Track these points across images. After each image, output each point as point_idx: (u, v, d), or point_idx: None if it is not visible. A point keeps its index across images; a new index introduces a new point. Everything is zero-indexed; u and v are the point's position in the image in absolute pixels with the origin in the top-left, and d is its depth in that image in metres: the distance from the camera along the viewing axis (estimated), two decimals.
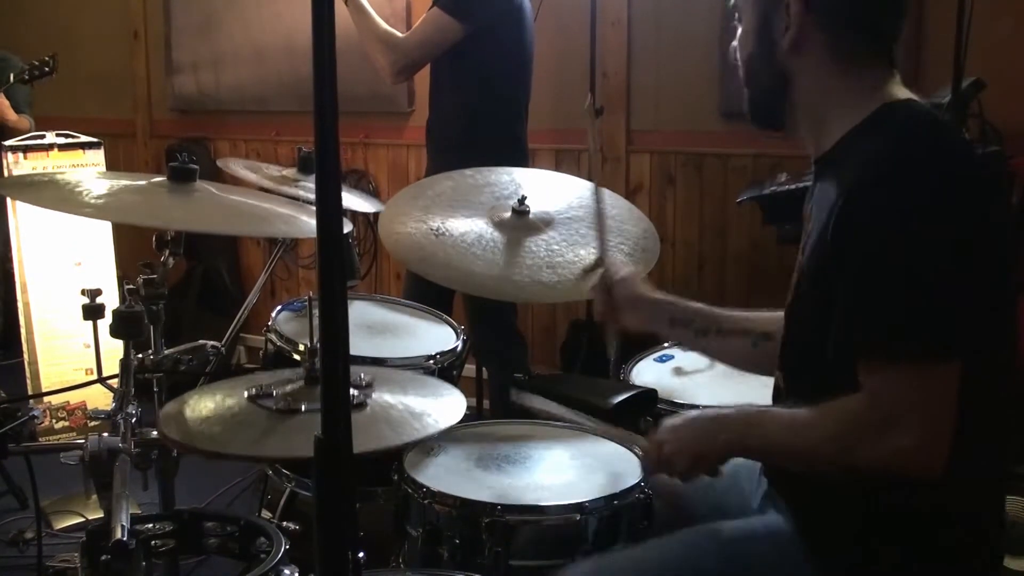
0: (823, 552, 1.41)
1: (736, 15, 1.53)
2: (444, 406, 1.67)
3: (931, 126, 1.36)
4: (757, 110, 1.53)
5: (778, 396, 1.54)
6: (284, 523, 2.22)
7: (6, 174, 3.68)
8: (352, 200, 2.90)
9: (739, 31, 1.52)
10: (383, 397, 1.63)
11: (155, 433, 1.75)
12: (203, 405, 1.60)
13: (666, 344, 2.44)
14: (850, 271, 1.30)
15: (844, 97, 1.42)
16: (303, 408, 1.54)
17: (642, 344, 2.45)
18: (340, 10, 3.11)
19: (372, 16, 3.03)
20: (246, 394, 1.60)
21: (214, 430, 1.52)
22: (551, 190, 2.22)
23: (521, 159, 3.06)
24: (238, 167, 3.02)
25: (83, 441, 1.70)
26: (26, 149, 3.77)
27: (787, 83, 1.46)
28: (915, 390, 1.26)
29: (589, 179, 2.24)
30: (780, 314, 1.54)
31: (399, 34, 3.05)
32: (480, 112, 3.06)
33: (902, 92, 1.42)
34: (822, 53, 1.42)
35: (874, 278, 1.28)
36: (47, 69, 4.01)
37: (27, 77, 4.03)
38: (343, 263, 1.97)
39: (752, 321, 1.68)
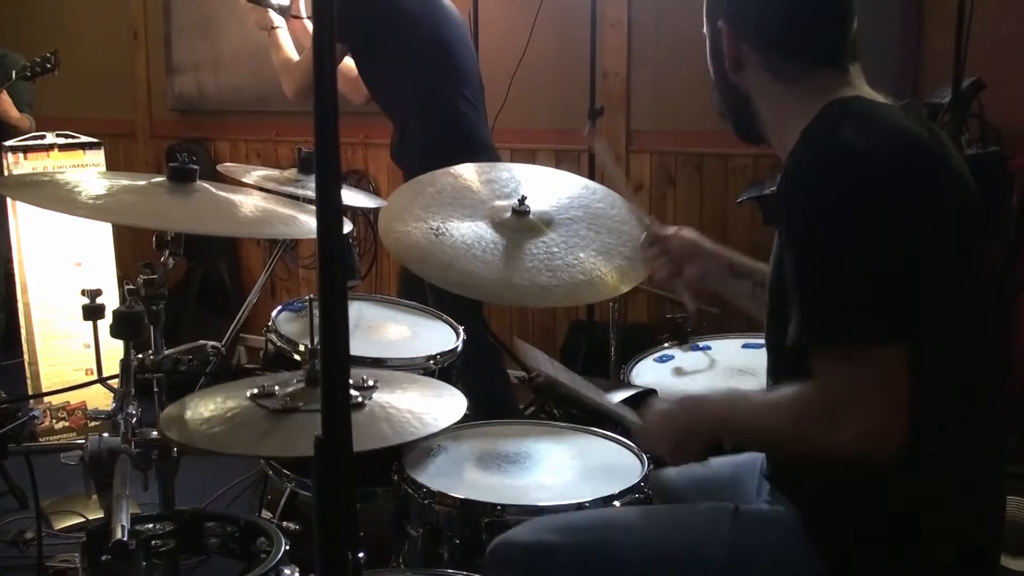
0: (826, 546, 1.42)
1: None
2: (444, 406, 1.67)
3: (862, 117, 1.36)
4: (737, 127, 1.57)
5: (770, 373, 1.56)
6: (284, 523, 2.22)
7: (6, 174, 3.68)
8: (352, 196, 2.89)
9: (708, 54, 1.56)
10: (383, 397, 1.63)
11: (155, 433, 1.75)
12: (204, 407, 1.60)
13: (666, 344, 2.45)
14: (790, 262, 1.33)
15: (796, 105, 1.43)
16: (304, 408, 1.54)
17: (642, 344, 2.46)
18: None
19: (281, 48, 3.16)
20: (247, 394, 1.60)
21: (215, 431, 1.52)
22: (551, 189, 2.22)
23: (477, 152, 2.93)
24: (240, 172, 3.02)
25: (83, 441, 1.70)
26: (26, 149, 3.77)
27: (746, 100, 1.50)
28: (855, 375, 1.27)
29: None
30: None
31: (296, 60, 3.11)
32: (411, 120, 3.06)
33: (852, 90, 1.42)
34: (761, 72, 1.46)
35: (808, 268, 1.31)
36: (49, 66, 3.99)
37: (29, 74, 4.02)
38: (343, 263, 1.97)
39: None
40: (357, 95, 3.29)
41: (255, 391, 1.61)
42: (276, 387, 1.63)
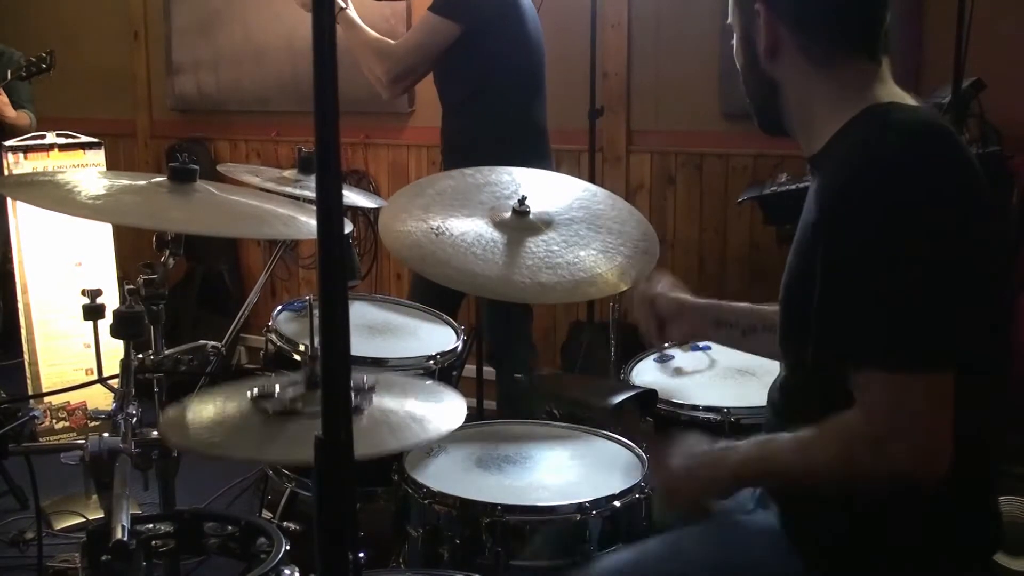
0: (809, 551, 1.42)
1: (732, 29, 1.54)
2: (445, 411, 1.67)
3: (910, 129, 1.34)
4: (760, 118, 1.55)
5: (781, 386, 1.55)
6: (284, 523, 2.23)
7: (6, 174, 3.67)
8: (353, 196, 2.89)
9: (734, 44, 1.54)
10: (383, 401, 1.63)
11: (155, 433, 1.75)
12: (204, 410, 1.60)
13: (666, 344, 2.44)
14: (834, 280, 1.30)
15: (828, 99, 1.42)
16: (305, 412, 1.54)
17: (642, 344, 2.45)
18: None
19: (362, 28, 3.02)
20: (248, 395, 1.60)
21: (215, 436, 1.52)
22: (551, 190, 2.22)
23: (540, 156, 2.99)
24: (240, 173, 3.01)
25: (83, 441, 1.70)
26: (26, 149, 3.76)
27: (776, 89, 1.47)
28: (912, 401, 1.25)
29: None
30: None
31: (392, 42, 3.03)
32: (487, 112, 3.03)
33: (887, 93, 1.41)
34: (797, 58, 1.43)
35: (862, 288, 1.28)
36: (44, 66, 3.98)
37: (24, 74, 4.00)
38: (343, 263, 1.97)
39: None
40: None
41: (256, 394, 1.60)
42: (277, 390, 1.62)
